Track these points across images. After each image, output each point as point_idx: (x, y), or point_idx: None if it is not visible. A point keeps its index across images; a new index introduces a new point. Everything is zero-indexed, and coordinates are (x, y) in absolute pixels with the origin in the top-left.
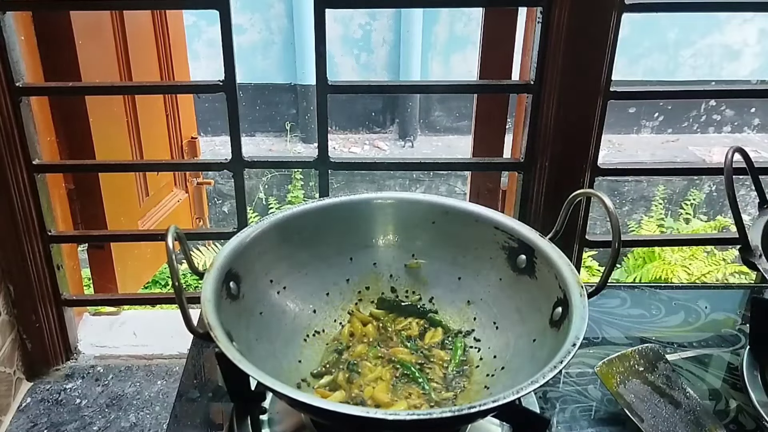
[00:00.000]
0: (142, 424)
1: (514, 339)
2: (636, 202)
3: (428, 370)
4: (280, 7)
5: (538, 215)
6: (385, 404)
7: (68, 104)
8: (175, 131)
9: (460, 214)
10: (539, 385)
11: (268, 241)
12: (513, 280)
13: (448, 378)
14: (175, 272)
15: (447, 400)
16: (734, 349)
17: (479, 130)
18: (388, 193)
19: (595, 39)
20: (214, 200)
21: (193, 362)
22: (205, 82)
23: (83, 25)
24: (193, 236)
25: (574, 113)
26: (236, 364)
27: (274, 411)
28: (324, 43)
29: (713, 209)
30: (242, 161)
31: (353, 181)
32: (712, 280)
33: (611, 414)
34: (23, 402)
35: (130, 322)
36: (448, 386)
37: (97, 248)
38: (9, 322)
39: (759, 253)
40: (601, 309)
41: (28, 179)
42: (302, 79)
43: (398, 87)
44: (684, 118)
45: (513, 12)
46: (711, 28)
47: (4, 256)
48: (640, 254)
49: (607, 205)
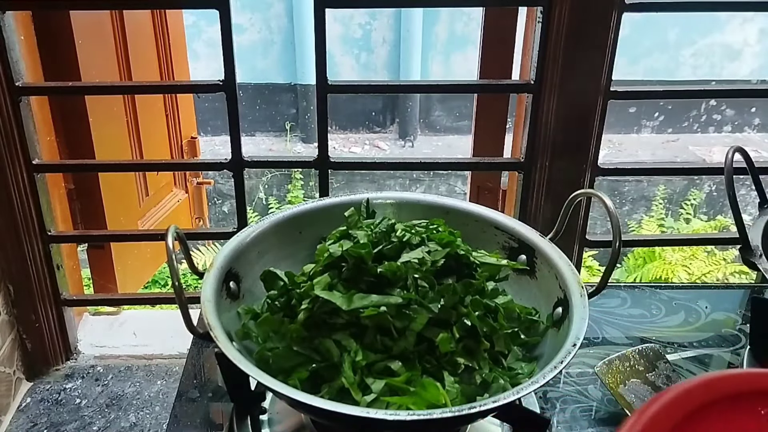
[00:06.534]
0: (142, 424)
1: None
2: (636, 201)
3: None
4: (280, 6)
5: (538, 215)
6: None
7: (68, 104)
8: (174, 131)
9: (460, 214)
10: (539, 385)
11: (268, 241)
12: (513, 280)
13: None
14: (175, 272)
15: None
16: (734, 349)
17: (479, 130)
18: (388, 193)
19: (595, 39)
20: (214, 200)
21: (193, 362)
22: (205, 81)
23: (83, 24)
24: (193, 236)
25: (574, 113)
26: (236, 364)
27: (274, 411)
28: (324, 43)
29: (713, 209)
30: (242, 161)
31: (353, 181)
32: (712, 280)
33: (611, 414)
34: (23, 402)
35: (130, 322)
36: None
37: (96, 248)
38: (9, 322)
39: (759, 252)
40: (602, 309)
41: (28, 179)
42: (302, 78)
43: (398, 87)
44: (684, 117)
45: (513, 12)
46: (711, 28)
47: (3, 256)
48: (640, 254)
49: (608, 205)
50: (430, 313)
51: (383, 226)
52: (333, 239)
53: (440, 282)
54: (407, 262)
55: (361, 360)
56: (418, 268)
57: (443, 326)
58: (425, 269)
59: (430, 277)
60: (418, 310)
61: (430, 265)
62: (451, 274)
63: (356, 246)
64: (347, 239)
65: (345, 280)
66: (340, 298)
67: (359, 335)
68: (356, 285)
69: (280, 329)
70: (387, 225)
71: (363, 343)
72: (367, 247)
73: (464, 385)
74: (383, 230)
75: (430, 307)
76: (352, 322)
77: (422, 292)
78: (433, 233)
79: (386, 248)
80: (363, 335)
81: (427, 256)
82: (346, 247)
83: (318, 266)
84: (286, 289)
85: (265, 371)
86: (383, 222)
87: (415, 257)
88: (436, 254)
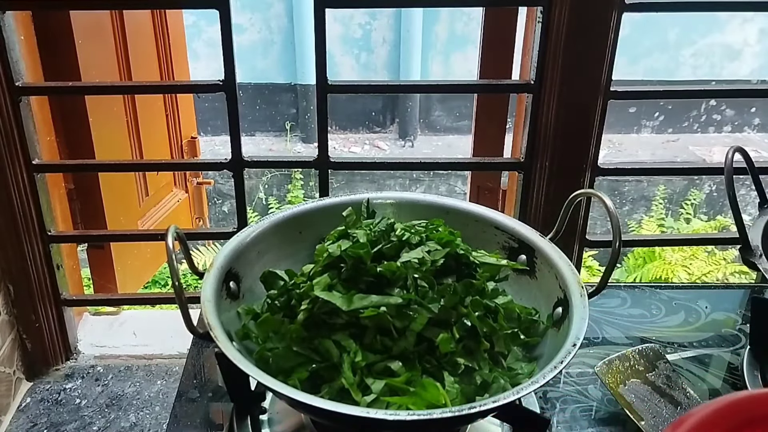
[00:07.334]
0: (142, 424)
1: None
2: (636, 201)
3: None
4: (280, 6)
5: (538, 215)
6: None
7: (68, 104)
8: (174, 131)
9: (460, 214)
10: (539, 385)
11: (268, 241)
12: (513, 280)
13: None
14: (175, 272)
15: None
16: (734, 349)
17: (479, 130)
18: (388, 193)
19: (595, 39)
20: (214, 200)
21: (193, 362)
22: (205, 81)
23: (83, 24)
24: (193, 236)
25: (574, 113)
26: (236, 364)
27: (274, 411)
28: (324, 43)
29: (713, 209)
30: (242, 161)
31: (353, 180)
32: (712, 280)
33: (611, 414)
34: (23, 402)
35: (129, 322)
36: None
37: (96, 248)
38: (9, 322)
39: (759, 252)
40: (602, 309)
41: (28, 179)
42: (302, 78)
43: (398, 87)
44: (684, 117)
45: (513, 12)
46: (711, 28)
47: (3, 256)
48: (640, 254)
49: (608, 205)
50: (430, 313)
51: (382, 226)
52: (332, 239)
53: (440, 282)
54: (407, 262)
55: (360, 360)
56: (418, 268)
57: (443, 326)
58: (425, 269)
59: (429, 277)
60: (418, 310)
61: (429, 264)
62: (451, 274)
63: (355, 246)
64: (346, 239)
65: (344, 280)
66: (339, 299)
67: (359, 335)
68: (356, 285)
69: (280, 329)
70: (386, 224)
71: (363, 344)
72: (365, 247)
73: (464, 385)
74: (382, 230)
75: (430, 308)
76: (351, 322)
77: (422, 292)
78: (432, 233)
79: (385, 248)
80: (363, 335)
81: (426, 255)
82: (344, 247)
83: (317, 266)
84: (286, 289)
85: (265, 371)
86: (382, 221)
87: (414, 257)
88: (435, 254)
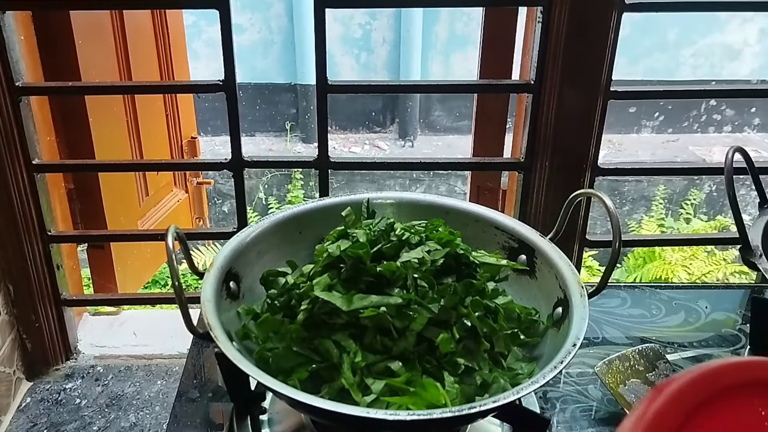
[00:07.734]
0: (142, 424)
1: None
2: (636, 201)
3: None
4: (280, 6)
5: (538, 215)
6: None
7: (68, 104)
8: (174, 131)
9: (460, 214)
10: (539, 385)
11: (268, 241)
12: (513, 280)
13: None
14: (175, 272)
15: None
16: (734, 349)
17: (479, 130)
18: (388, 193)
19: (595, 39)
20: (214, 200)
21: (193, 362)
22: (205, 81)
23: (83, 24)
24: (193, 236)
25: (574, 113)
26: (236, 364)
27: (274, 411)
28: (324, 43)
29: (713, 209)
30: (242, 161)
31: (353, 180)
32: (712, 280)
33: (611, 414)
34: (23, 402)
35: (129, 322)
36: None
37: (96, 248)
38: (9, 322)
39: (759, 252)
40: (602, 309)
41: (28, 179)
42: (302, 78)
43: (398, 87)
44: (684, 117)
45: (513, 12)
46: (711, 28)
47: (3, 256)
48: (640, 254)
49: (608, 205)
50: (430, 313)
51: (382, 226)
52: (331, 239)
53: (440, 282)
54: (407, 262)
55: (360, 361)
56: (418, 268)
57: (443, 326)
58: (425, 269)
59: (429, 277)
60: (418, 310)
61: (429, 264)
62: (451, 274)
63: (354, 246)
64: (346, 239)
65: (344, 280)
66: (339, 299)
67: (359, 336)
68: (355, 285)
69: (280, 329)
70: (386, 224)
71: (363, 344)
72: (365, 247)
73: (464, 385)
74: (382, 230)
75: (430, 308)
76: (351, 322)
77: (422, 292)
78: (432, 233)
79: (385, 248)
80: (363, 336)
81: (426, 255)
82: (344, 247)
83: (317, 267)
84: (286, 288)
85: (265, 371)
86: (382, 221)
87: (414, 257)
88: (435, 254)
